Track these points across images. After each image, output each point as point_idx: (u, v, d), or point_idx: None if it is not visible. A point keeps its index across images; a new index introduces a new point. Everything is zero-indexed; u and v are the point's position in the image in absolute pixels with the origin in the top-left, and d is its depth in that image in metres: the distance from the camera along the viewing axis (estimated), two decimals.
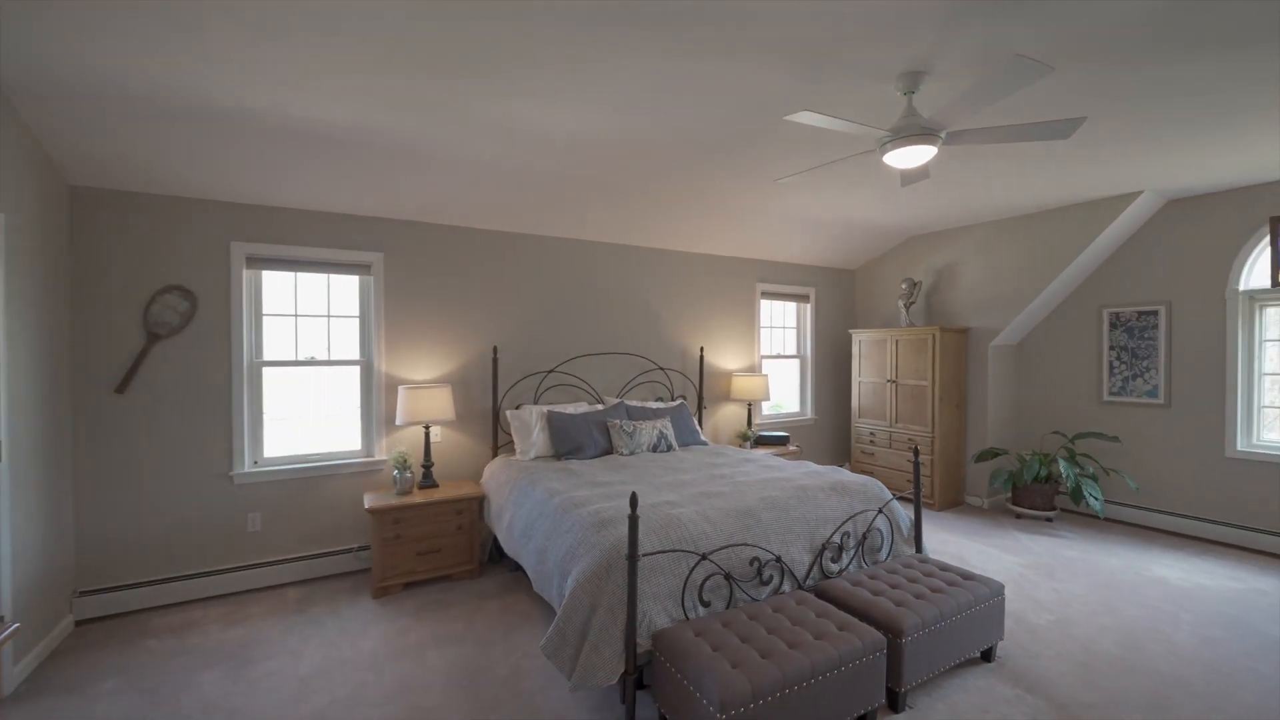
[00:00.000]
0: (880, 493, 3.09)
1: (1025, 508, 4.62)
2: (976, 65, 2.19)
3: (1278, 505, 3.81)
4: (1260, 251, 3.92)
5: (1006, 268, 4.75)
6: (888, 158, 2.39)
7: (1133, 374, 4.48)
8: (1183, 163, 3.44)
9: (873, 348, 5.41)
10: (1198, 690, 2.33)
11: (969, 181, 3.82)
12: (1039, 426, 5.02)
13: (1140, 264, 4.44)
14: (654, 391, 4.75)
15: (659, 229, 4.49)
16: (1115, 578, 3.44)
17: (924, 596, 2.39)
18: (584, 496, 2.74)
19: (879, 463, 5.33)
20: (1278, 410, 3.92)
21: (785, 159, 3.25)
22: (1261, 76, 2.33)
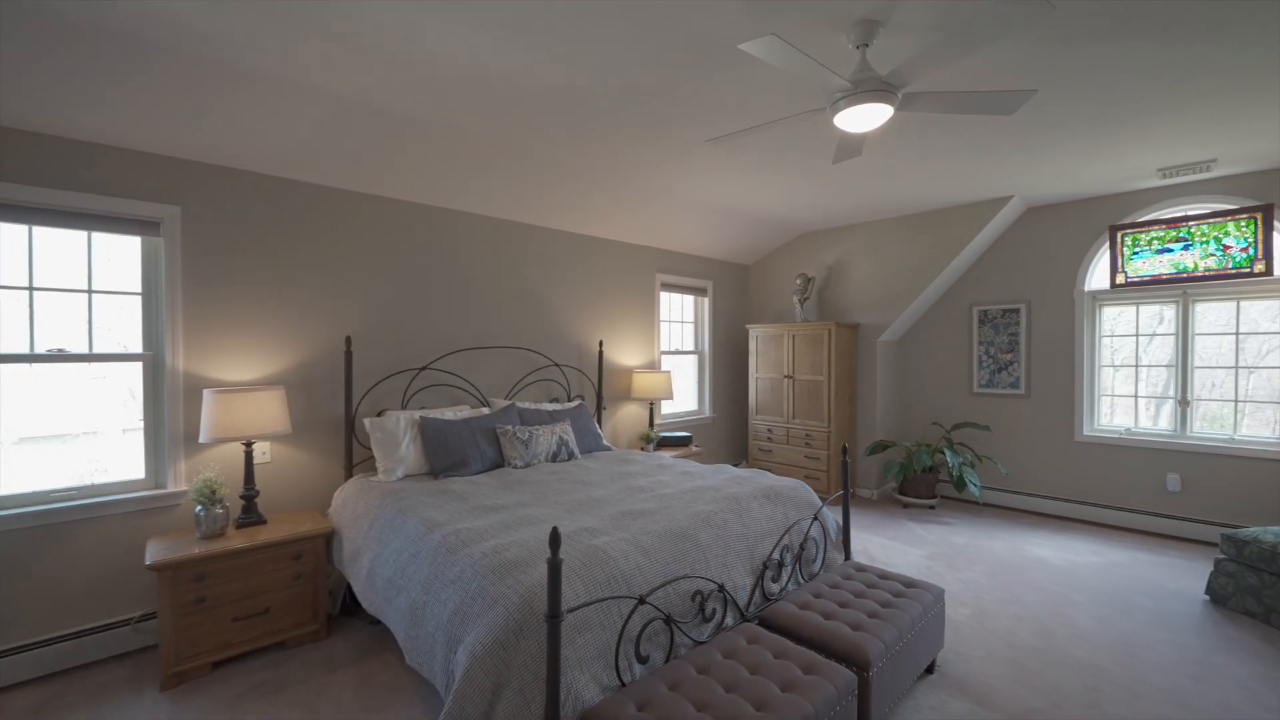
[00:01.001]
0: (809, 497, 2.84)
1: (911, 497, 4.77)
2: (936, 16, 1.96)
3: (1117, 483, 4.26)
4: (1101, 256, 4.37)
5: (893, 266, 4.89)
6: (840, 117, 2.10)
7: (998, 367, 4.82)
8: (1047, 172, 3.71)
9: (769, 343, 5.32)
10: (1116, 676, 2.33)
11: (864, 178, 3.78)
12: (920, 418, 5.26)
13: (1005, 265, 4.78)
14: (549, 391, 4.17)
15: (556, 205, 3.92)
16: (1005, 562, 3.57)
17: (877, 615, 2.13)
18: (475, 529, 2.11)
19: (776, 459, 5.24)
20: (1115, 398, 4.39)
21: (712, 121, 2.88)
22: (1116, 99, 2.41)
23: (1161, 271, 4.11)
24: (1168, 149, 3.31)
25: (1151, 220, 4.13)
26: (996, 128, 3.02)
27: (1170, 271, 4.08)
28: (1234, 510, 3.80)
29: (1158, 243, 4.12)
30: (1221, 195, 3.85)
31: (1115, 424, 4.38)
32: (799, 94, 2.53)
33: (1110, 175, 3.79)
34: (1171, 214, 4.06)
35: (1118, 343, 4.38)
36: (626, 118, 2.82)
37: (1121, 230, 4.25)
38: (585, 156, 3.34)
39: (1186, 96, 2.62)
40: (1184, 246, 4.03)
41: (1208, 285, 3.94)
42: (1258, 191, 3.73)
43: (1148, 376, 4.25)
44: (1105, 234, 4.32)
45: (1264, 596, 2.77)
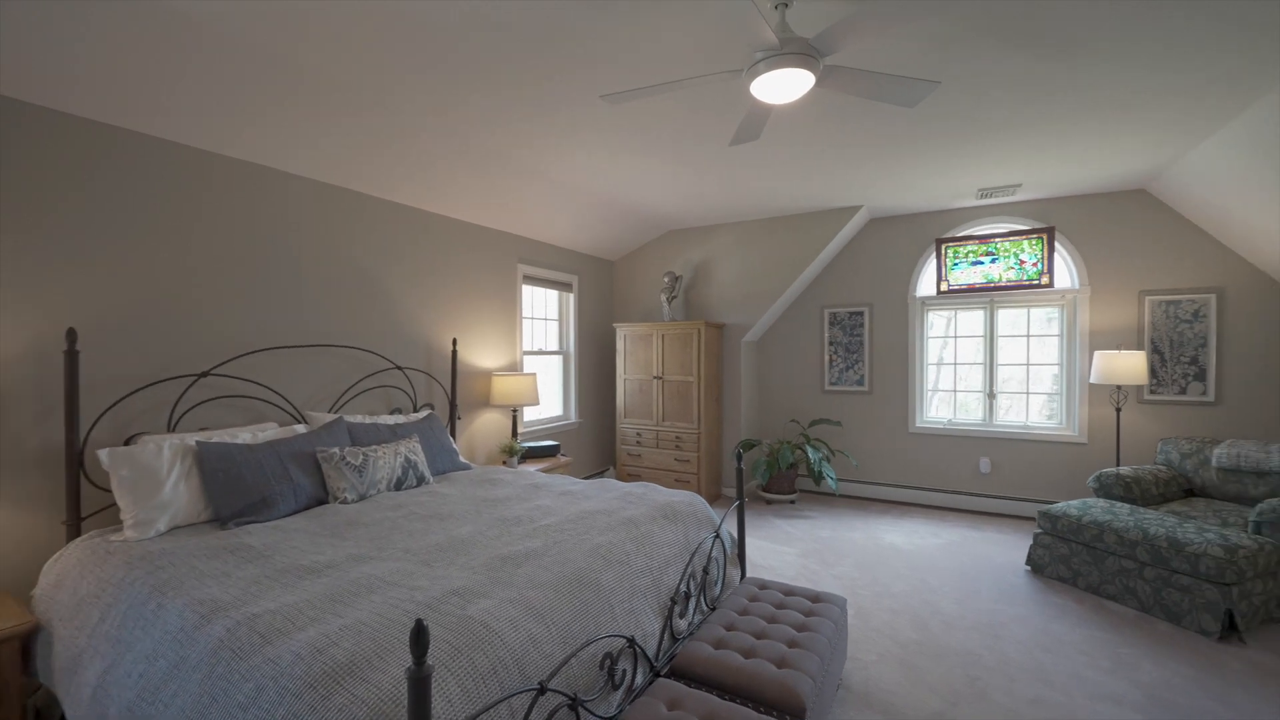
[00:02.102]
0: (707, 511, 2.59)
1: (775, 493, 4.87)
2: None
3: (943, 468, 4.76)
4: (929, 265, 4.85)
5: (757, 267, 4.95)
6: (758, 83, 1.84)
7: (846, 365, 5.14)
8: (890, 186, 4.00)
9: (638, 343, 5.08)
10: (989, 661, 2.43)
11: (734, 177, 3.71)
12: (779, 416, 5.42)
13: (852, 271, 5.11)
14: (390, 400, 3.41)
15: (400, 174, 3.19)
16: (867, 552, 3.71)
17: (796, 643, 1.92)
18: (283, 610, 1.45)
19: (646, 464, 5.02)
20: (939, 393, 4.92)
21: (602, 78, 2.47)
22: (947, 127, 2.58)
23: (975, 281, 4.68)
24: (987, 172, 3.70)
25: (968, 236, 4.68)
26: (851, 140, 3.13)
27: (982, 281, 4.65)
28: (1032, 487, 4.44)
29: (973, 255, 4.68)
30: (1020, 217, 4.47)
31: (940, 416, 4.90)
32: (711, 53, 2.24)
33: (940, 193, 4.18)
34: (984, 231, 4.64)
35: (941, 343, 4.91)
36: (498, 67, 2.30)
37: (945, 243, 4.76)
38: (445, 115, 2.72)
39: (1006, 126, 2.89)
40: (992, 260, 4.62)
41: (1008, 294, 4.56)
42: (1045, 215, 4.39)
43: (966, 373, 4.81)
44: (933, 246, 4.81)
45: (1072, 563, 3.17)
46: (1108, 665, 2.39)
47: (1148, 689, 2.22)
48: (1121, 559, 2.94)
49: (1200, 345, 3.93)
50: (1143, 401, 4.09)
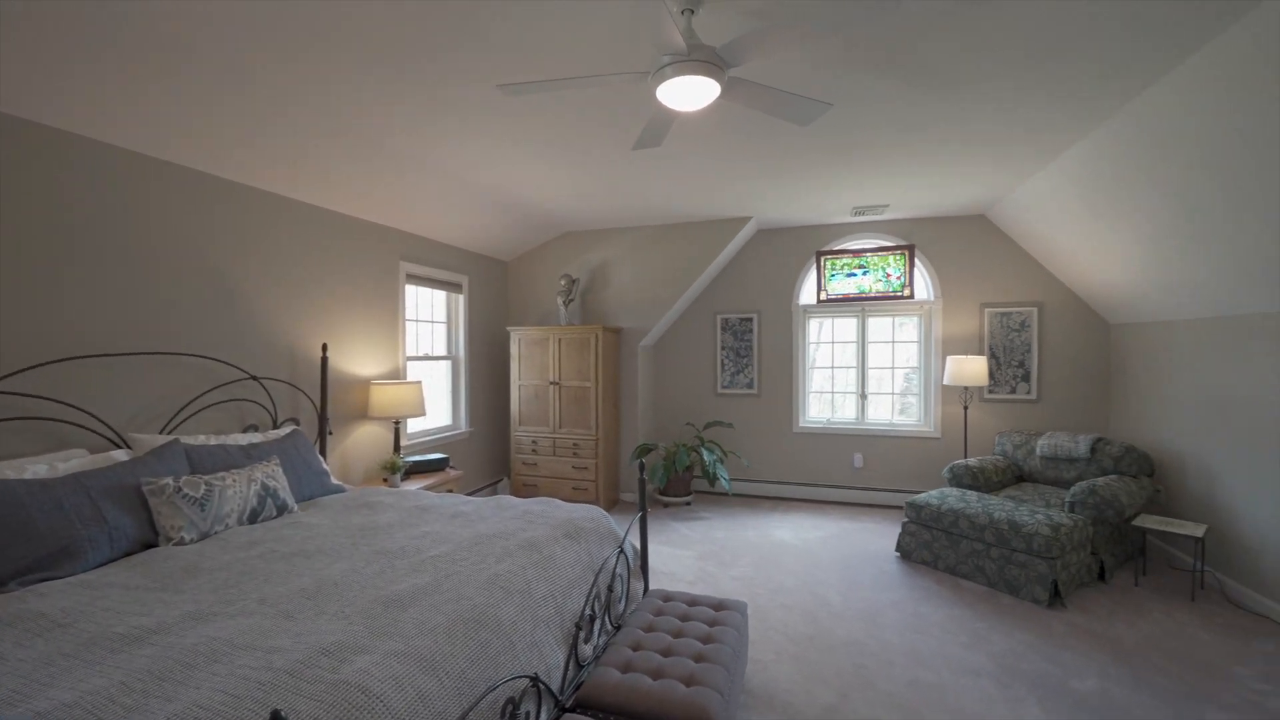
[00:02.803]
0: (609, 524, 2.51)
1: (671, 496, 4.93)
2: None
3: (822, 464, 5.11)
4: (809, 275, 5.19)
5: (654, 272, 4.98)
6: (664, 88, 1.80)
7: (737, 369, 5.35)
8: (776, 199, 4.21)
9: (533, 347, 4.89)
10: (872, 648, 2.61)
11: (632, 181, 3.70)
12: (675, 419, 5.51)
13: (742, 278, 5.32)
14: (242, 416, 2.94)
15: (262, 155, 2.76)
16: (760, 550, 3.87)
17: (703, 657, 1.90)
18: (82, 704, 1.13)
19: (542, 473, 4.85)
20: (819, 394, 5.28)
21: (506, 66, 2.30)
22: (829, 147, 2.80)
23: (849, 291, 5.08)
24: (860, 192, 4.03)
25: (843, 250, 5.07)
26: (745, 153, 3.23)
27: (855, 292, 5.06)
28: (898, 479, 4.90)
29: (847, 268, 5.08)
30: (888, 234, 4.92)
31: (820, 415, 5.26)
32: (618, 52, 2.16)
33: (821, 208, 4.48)
34: (857, 246, 5.05)
35: (821, 348, 5.28)
36: (382, 43, 2.05)
37: (824, 255, 5.12)
38: (319, 93, 2.38)
39: (878, 151, 3.16)
40: (864, 272, 5.04)
41: (877, 304, 5.00)
42: (908, 234, 4.88)
43: (841, 376, 5.21)
44: (813, 258, 5.15)
45: (933, 547, 3.52)
46: (966, 640, 2.67)
47: (999, 659, 2.51)
48: (973, 541, 3.32)
49: (1026, 351, 4.59)
50: (984, 400, 4.68)
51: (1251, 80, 2.06)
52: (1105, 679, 2.35)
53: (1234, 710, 2.14)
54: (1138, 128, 2.66)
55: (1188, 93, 2.30)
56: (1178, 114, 2.43)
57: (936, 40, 2.07)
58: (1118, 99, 2.52)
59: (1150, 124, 2.59)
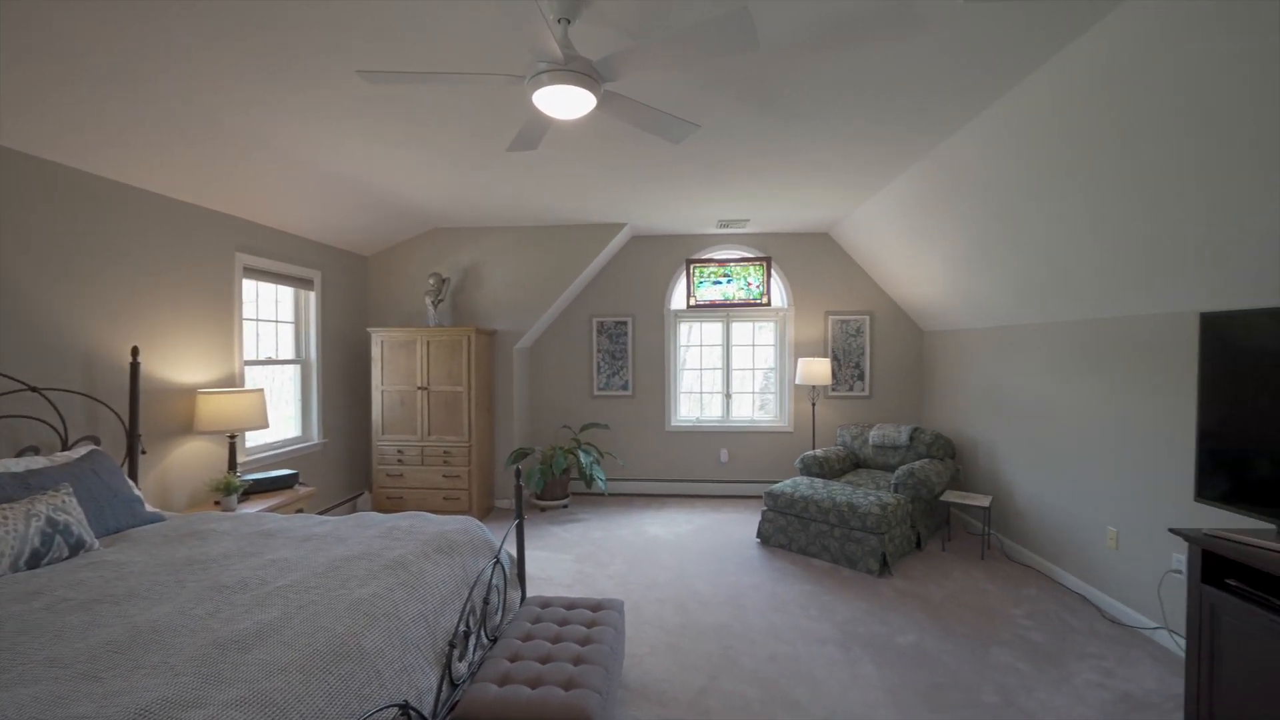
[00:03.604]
0: (484, 535, 2.45)
1: (548, 500, 4.91)
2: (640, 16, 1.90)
3: (692, 460, 5.40)
4: (680, 281, 5.46)
5: (530, 273, 4.91)
6: (540, 94, 1.80)
7: (612, 372, 5.47)
8: (648, 209, 4.39)
9: (398, 350, 4.58)
10: (737, 630, 2.84)
11: (508, 181, 3.64)
12: (551, 422, 5.48)
13: (617, 282, 5.45)
14: (16, 437, 2.39)
15: (56, 121, 2.25)
16: (635, 547, 4.00)
17: (582, 659, 1.94)
18: None
19: (410, 484, 4.56)
20: (689, 394, 5.57)
21: (368, 51, 2.13)
22: (697, 163, 3.06)
23: (715, 298, 5.43)
24: (724, 206, 4.33)
25: (710, 259, 5.40)
26: (621, 162, 3.33)
27: (720, 298, 5.42)
28: (759, 471, 5.34)
29: (714, 276, 5.43)
30: (749, 246, 5.34)
31: (689, 414, 5.55)
32: (494, 51, 2.10)
33: (690, 219, 4.74)
34: (722, 255, 5.41)
35: (691, 350, 5.57)
36: (214, 6, 1.79)
37: (693, 263, 5.42)
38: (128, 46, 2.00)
39: (739, 170, 3.44)
40: (728, 280, 5.42)
41: (740, 310, 5.40)
42: (766, 246, 5.33)
43: (709, 377, 5.54)
44: (683, 265, 5.42)
45: (788, 531, 3.90)
46: (816, 613, 3.00)
47: (841, 625, 2.86)
48: (820, 524, 3.73)
49: (861, 354, 5.25)
50: (828, 397, 5.28)
51: (1027, 134, 2.58)
52: (921, 633, 2.78)
53: (1009, 645, 2.66)
54: (941, 169, 3.19)
55: (978, 142, 2.81)
56: (971, 159, 2.95)
57: (786, 79, 2.30)
58: (927, 143, 3.00)
59: (950, 167, 3.11)
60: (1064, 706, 2.21)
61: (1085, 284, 2.98)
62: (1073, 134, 2.34)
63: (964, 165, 3.02)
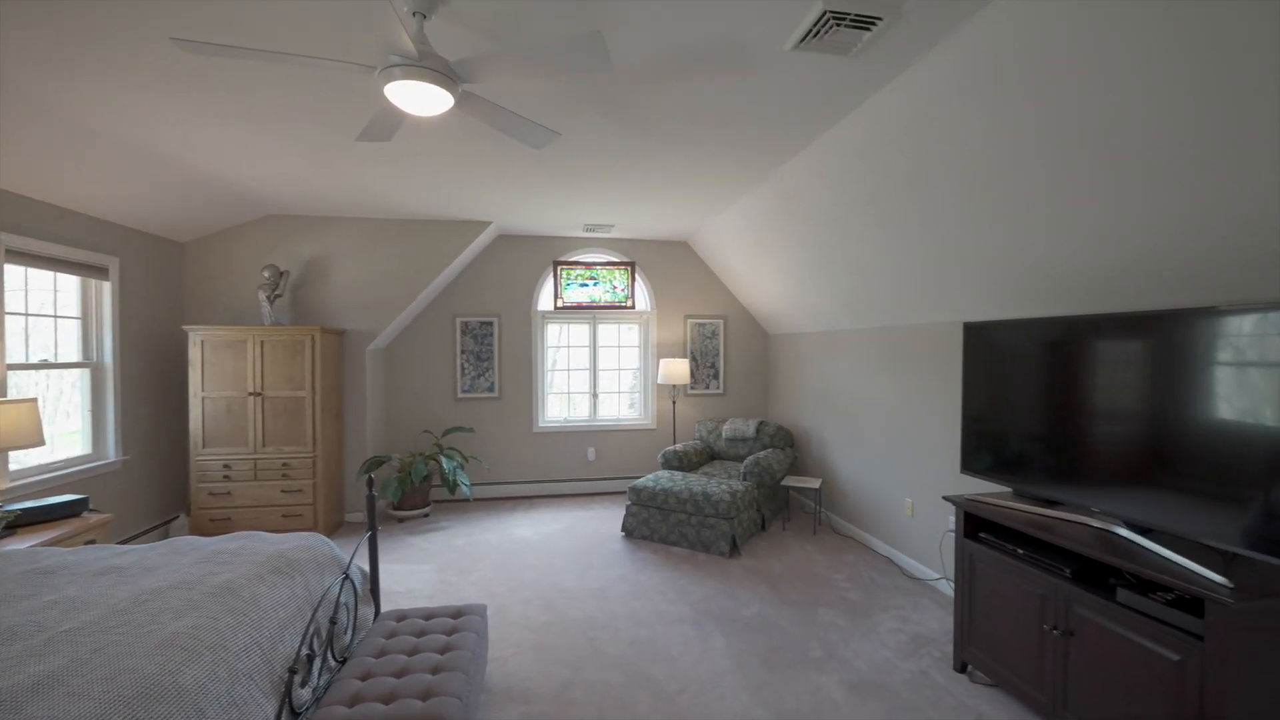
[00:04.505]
0: (330, 550, 2.29)
1: (407, 510, 4.65)
2: (495, 21, 1.91)
3: (560, 460, 5.45)
4: (547, 283, 5.48)
5: (387, 269, 4.61)
6: (393, 88, 1.75)
7: (478, 373, 5.32)
8: (515, 209, 4.36)
9: (224, 352, 4.04)
10: (601, 621, 2.95)
11: (360, 171, 3.42)
12: (411, 428, 5.18)
13: (482, 282, 5.31)
14: None
15: None
16: (501, 551, 3.96)
17: (441, 667, 1.91)
18: None
19: (240, 502, 4.04)
20: (556, 395, 5.61)
21: (184, 15, 1.87)
22: (561, 169, 3.20)
23: (582, 300, 5.53)
24: (590, 212, 4.45)
25: (577, 261, 5.49)
26: (485, 161, 3.28)
27: (587, 300, 5.54)
28: (624, 467, 5.53)
29: (581, 278, 5.52)
30: (614, 251, 5.52)
31: (557, 415, 5.59)
32: (343, 32, 1.97)
33: (557, 222, 4.79)
34: (589, 259, 5.52)
35: (558, 352, 5.62)
36: None
37: (561, 265, 5.46)
38: None
39: (603, 179, 3.59)
40: (595, 283, 5.55)
41: (606, 312, 5.56)
42: (630, 252, 5.55)
43: (576, 377, 5.63)
44: (551, 266, 5.45)
45: (650, 523, 4.12)
46: (674, 596, 3.22)
47: (696, 604, 3.10)
48: (678, 513, 3.99)
49: (716, 355, 5.69)
50: (687, 395, 5.64)
51: (842, 168, 3.00)
52: (763, 604, 3.12)
53: (832, 605, 3.09)
54: (778, 192, 3.59)
55: (805, 171, 3.22)
56: (800, 186, 3.37)
57: (642, 100, 2.46)
58: (767, 168, 3.36)
59: (784, 191, 3.52)
60: (872, 651, 2.64)
61: (886, 297, 3.55)
62: (876, 171, 2.79)
63: (795, 190, 3.43)
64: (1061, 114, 1.88)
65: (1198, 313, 1.75)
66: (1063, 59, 1.76)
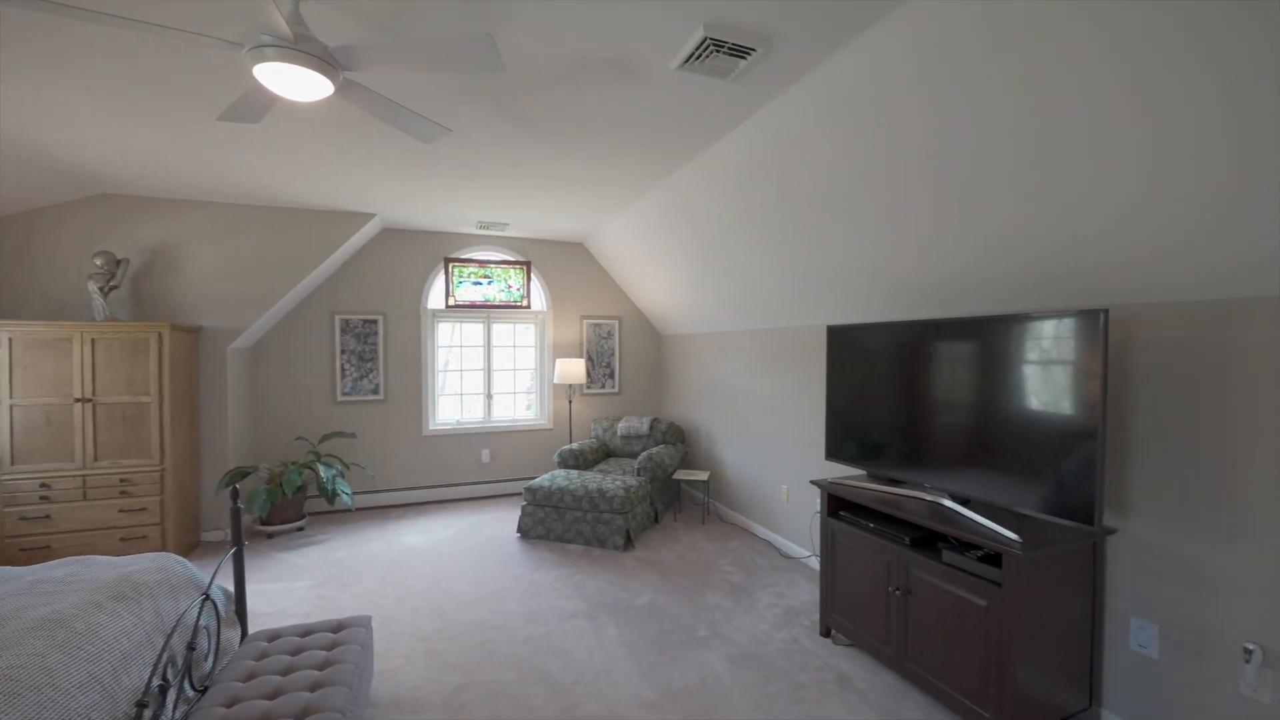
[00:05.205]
0: (185, 571, 2.08)
1: (277, 524, 4.27)
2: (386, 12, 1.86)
3: (452, 464, 5.28)
4: (438, 280, 5.28)
5: (252, 261, 4.19)
6: (264, 69, 1.64)
7: (360, 375, 5.01)
8: (403, 202, 4.18)
9: (42, 351, 3.46)
10: (495, 622, 2.94)
11: (221, 150, 3.10)
12: (282, 434, 4.75)
13: (365, 277, 5.00)
14: None
15: None
16: (387, 560, 3.77)
17: (321, 683, 1.82)
18: None
19: (63, 528, 3.48)
20: (449, 396, 5.43)
21: None
22: (453, 165, 3.18)
23: (476, 299, 5.40)
24: (483, 209, 4.37)
25: (470, 259, 5.35)
26: (371, 151, 3.12)
27: (481, 299, 5.41)
28: (521, 468, 5.48)
29: (474, 276, 5.39)
30: (509, 250, 5.44)
31: (449, 417, 5.41)
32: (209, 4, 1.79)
33: (448, 217, 4.64)
34: (482, 256, 5.40)
35: (450, 352, 5.43)
36: None
37: (452, 262, 5.29)
38: None
39: (497, 177, 3.57)
40: (489, 282, 5.44)
41: (500, 311, 5.48)
42: (526, 251, 5.50)
43: (470, 378, 5.48)
44: (441, 263, 5.26)
45: (546, 522, 4.14)
46: (569, 591, 3.28)
47: (591, 598, 3.18)
48: (574, 511, 4.05)
49: (612, 354, 5.81)
50: (584, 394, 5.71)
51: (725, 181, 3.23)
52: (655, 592, 3.27)
53: (718, 588, 3.32)
54: (668, 200, 3.77)
55: (692, 182, 3.42)
56: (688, 195, 3.57)
57: (538, 103, 2.50)
58: (658, 176, 3.52)
59: (674, 199, 3.71)
60: (751, 625, 2.87)
61: (765, 302, 3.87)
62: (752, 186, 3.04)
63: (683, 199, 3.64)
64: (892, 147, 2.20)
65: (1015, 318, 2.12)
66: (894, 100, 2.06)
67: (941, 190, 2.21)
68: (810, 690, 2.35)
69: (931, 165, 2.15)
